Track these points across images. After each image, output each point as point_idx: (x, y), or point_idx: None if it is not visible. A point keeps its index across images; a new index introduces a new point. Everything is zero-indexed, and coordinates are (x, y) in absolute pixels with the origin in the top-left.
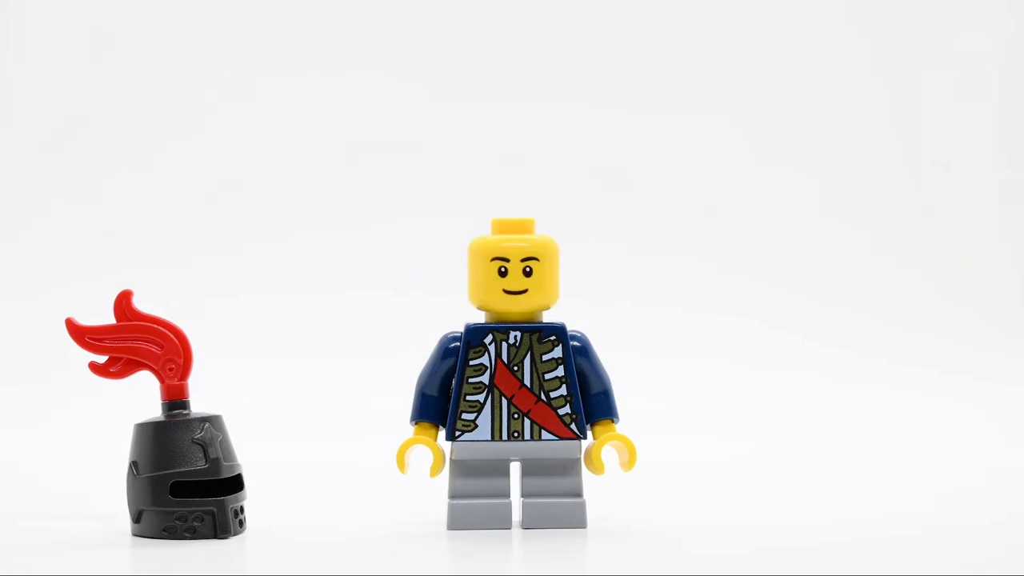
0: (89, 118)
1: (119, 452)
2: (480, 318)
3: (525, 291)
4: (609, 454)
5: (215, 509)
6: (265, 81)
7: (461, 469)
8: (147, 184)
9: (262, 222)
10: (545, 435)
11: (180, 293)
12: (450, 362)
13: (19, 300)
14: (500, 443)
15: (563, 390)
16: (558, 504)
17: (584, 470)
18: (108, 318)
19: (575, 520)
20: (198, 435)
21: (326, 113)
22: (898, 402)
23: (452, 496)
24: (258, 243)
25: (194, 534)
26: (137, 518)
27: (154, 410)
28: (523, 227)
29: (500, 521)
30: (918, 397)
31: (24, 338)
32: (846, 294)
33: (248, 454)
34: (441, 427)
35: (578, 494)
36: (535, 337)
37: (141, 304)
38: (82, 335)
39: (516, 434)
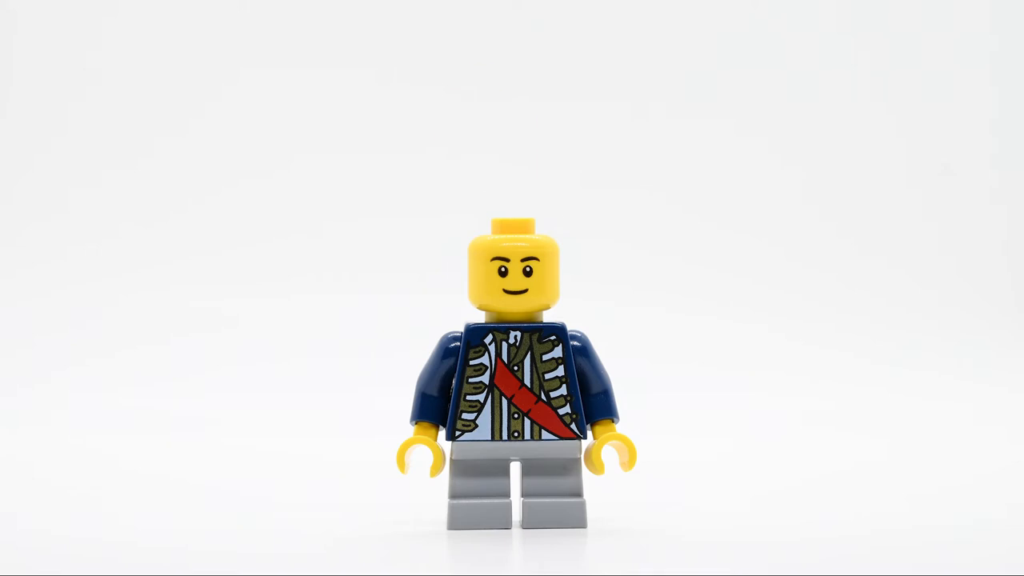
0: (87, 119)
1: (119, 452)
2: (480, 318)
3: (525, 291)
4: (609, 454)
5: None
6: (263, 81)
7: (461, 469)
8: (147, 186)
9: (262, 223)
10: (545, 435)
11: (181, 294)
12: (450, 362)
13: (19, 300)
14: (500, 443)
15: (563, 390)
16: (558, 504)
17: (584, 470)
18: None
19: (575, 520)
20: None
21: (326, 113)
22: (899, 402)
23: (452, 496)
24: (258, 244)
25: None
26: None
27: (154, 410)
28: (523, 227)
29: (500, 521)
30: (918, 397)
31: (24, 338)
32: (846, 298)
33: (249, 454)
34: (441, 427)
35: (578, 494)
36: (535, 337)
37: (143, 305)
38: None
39: (516, 434)
